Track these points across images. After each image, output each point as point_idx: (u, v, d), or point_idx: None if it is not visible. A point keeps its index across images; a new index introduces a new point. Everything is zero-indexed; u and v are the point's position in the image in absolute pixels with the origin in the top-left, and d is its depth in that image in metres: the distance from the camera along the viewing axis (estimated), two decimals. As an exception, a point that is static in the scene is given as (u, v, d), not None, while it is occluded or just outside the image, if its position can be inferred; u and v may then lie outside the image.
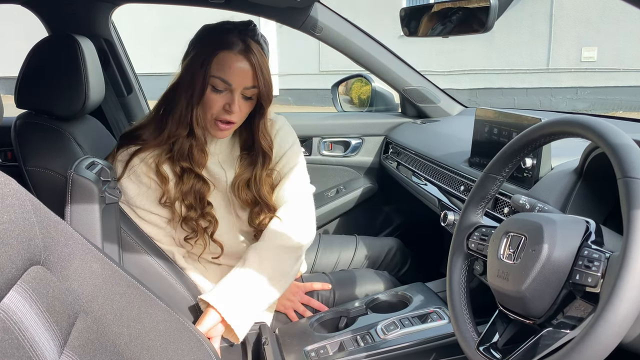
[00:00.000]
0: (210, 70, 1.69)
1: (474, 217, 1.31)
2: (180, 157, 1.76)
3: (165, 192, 1.77)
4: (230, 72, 1.69)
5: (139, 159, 1.76)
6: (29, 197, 1.04)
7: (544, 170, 1.56)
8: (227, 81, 1.69)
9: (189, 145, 1.76)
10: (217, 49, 1.70)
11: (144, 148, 1.77)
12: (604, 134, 1.00)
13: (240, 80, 1.70)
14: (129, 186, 1.76)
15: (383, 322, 1.71)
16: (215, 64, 1.69)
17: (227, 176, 1.87)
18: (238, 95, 1.72)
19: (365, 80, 3.21)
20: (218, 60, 1.69)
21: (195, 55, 1.73)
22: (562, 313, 1.03)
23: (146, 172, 1.76)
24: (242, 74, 1.70)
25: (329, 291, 2.01)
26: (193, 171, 1.78)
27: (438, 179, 2.17)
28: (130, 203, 1.77)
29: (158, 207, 1.78)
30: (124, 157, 1.77)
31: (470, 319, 1.24)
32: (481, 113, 1.91)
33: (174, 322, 1.33)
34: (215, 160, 1.86)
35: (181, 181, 1.77)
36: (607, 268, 0.93)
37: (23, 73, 1.79)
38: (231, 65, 1.69)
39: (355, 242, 2.38)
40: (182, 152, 1.76)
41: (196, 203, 1.79)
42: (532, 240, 1.04)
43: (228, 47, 1.70)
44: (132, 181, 1.76)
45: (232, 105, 1.71)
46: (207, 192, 1.81)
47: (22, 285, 0.95)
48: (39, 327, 0.95)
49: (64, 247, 1.13)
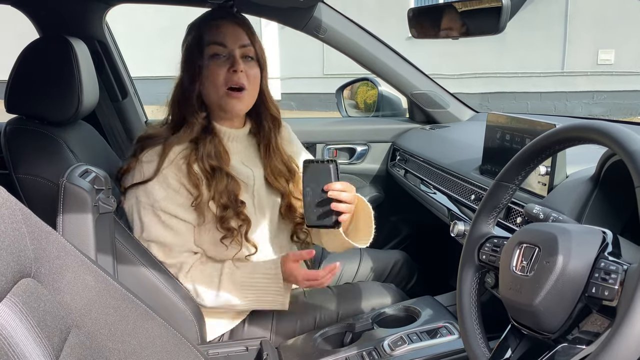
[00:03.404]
0: (204, 40, 1.82)
1: (485, 228, 1.31)
2: (208, 157, 1.82)
3: (200, 193, 1.81)
4: (221, 32, 1.82)
5: (168, 160, 1.80)
6: (20, 206, 1.05)
7: (558, 179, 1.56)
8: (221, 42, 1.82)
9: (212, 145, 1.84)
10: (204, 24, 1.86)
11: (170, 144, 1.82)
12: (622, 141, 1.00)
13: (233, 39, 1.83)
14: (155, 188, 1.80)
15: (390, 337, 1.71)
16: (206, 35, 1.82)
17: (254, 174, 1.95)
18: (238, 56, 1.82)
19: (371, 84, 3.21)
20: (208, 30, 1.83)
21: (189, 44, 1.87)
22: (578, 328, 1.02)
23: (176, 175, 1.81)
24: (234, 33, 1.83)
25: (333, 306, 2.01)
26: (223, 170, 1.83)
27: (448, 187, 2.17)
28: (155, 207, 1.80)
29: (185, 211, 1.82)
30: (151, 157, 1.82)
31: (481, 334, 1.24)
32: (493, 118, 1.91)
33: (171, 337, 1.33)
34: (238, 160, 1.92)
35: (214, 180, 1.82)
36: (624, 280, 0.93)
37: (13, 76, 1.80)
38: (220, 27, 1.83)
39: (359, 254, 2.38)
40: (208, 152, 1.83)
41: (230, 202, 1.83)
42: (546, 251, 1.04)
43: (213, 17, 1.88)
44: (160, 184, 1.80)
45: (236, 64, 1.81)
46: (239, 191, 1.86)
47: (11, 299, 0.95)
48: (30, 342, 0.95)
49: (55, 259, 1.13)
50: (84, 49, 1.91)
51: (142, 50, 12.40)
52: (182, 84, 1.87)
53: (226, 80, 1.81)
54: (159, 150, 1.81)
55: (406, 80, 2.76)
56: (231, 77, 1.81)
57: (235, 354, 1.77)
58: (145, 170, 1.80)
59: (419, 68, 2.79)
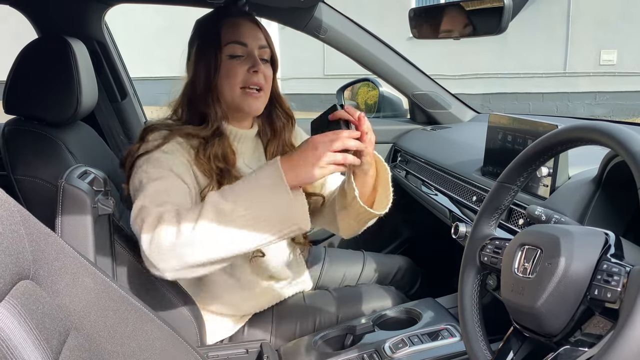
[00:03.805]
0: (222, 39, 1.76)
1: (486, 229, 1.31)
2: (215, 158, 1.75)
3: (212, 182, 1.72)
4: (242, 32, 1.78)
5: (175, 141, 1.71)
6: (18, 207, 1.05)
7: (560, 180, 1.56)
8: (243, 42, 1.77)
9: (220, 146, 1.77)
10: (221, 20, 1.80)
11: (179, 130, 1.74)
12: (624, 141, 1.00)
13: (253, 40, 1.79)
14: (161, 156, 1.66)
15: (391, 339, 1.70)
16: (225, 32, 1.77)
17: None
18: (257, 56, 1.79)
19: (372, 85, 3.21)
20: (226, 28, 1.78)
21: (202, 42, 1.81)
22: (580, 330, 1.02)
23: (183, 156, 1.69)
24: (253, 33, 1.80)
25: (333, 308, 2.01)
26: (230, 172, 1.77)
27: (449, 188, 2.17)
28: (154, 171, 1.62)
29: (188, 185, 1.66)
30: (157, 137, 1.72)
31: (483, 336, 1.24)
32: (494, 119, 1.91)
33: (171, 339, 1.33)
34: (242, 161, 1.87)
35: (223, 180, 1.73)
36: (627, 283, 0.93)
37: (11, 77, 1.80)
38: (240, 26, 1.79)
39: (362, 258, 2.37)
40: (216, 153, 1.75)
41: None
42: (548, 253, 1.04)
43: (230, 14, 1.83)
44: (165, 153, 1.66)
45: (257, 65, 1.77)
46: None
47: (10, 301, 0.95)
48: (28, 345, 0.95)
49: (54, 261, 1.13)
50: (83, 49, 1.91)
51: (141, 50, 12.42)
52: (194, 82, 1.79)
53: (245, 80, 1.77)
54: (166, 134, 1.72)
55: (407, 81, 2.76)
56: (251, 77, 1.77)
57: (235, 356, 1.76)
58: (151, 145, 1.68)
59: (420, 68, 2.79)
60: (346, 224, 1.89)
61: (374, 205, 1.79)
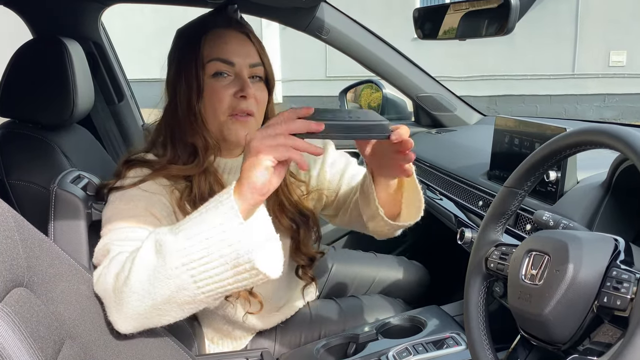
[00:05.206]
0: (203, 55, 1.53)
1: (493, 235, 1.31)
2: (201, 199, 1.47)
3: None
4: (228, 48, 1.54)
5: (158, 181, 1.52)
6: (12, 213, 1.05)
7: (569, 184, 1.56)
8: (228, 59, 1.53)
9: (207, 183, 1.55)
10: (204, 32, 1.55)
11: (164, 169, 1.54)
12: (634, 145, 1.00)
13: (242, 58, 1.55)
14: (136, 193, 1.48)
15: (395, 348, 1.70)
16: (208, 47, 1.54)
17: None
18: (247, 77, 1.55)
19: (376, 87, 3.20)
20: (209, 41, 1.54)
21: (182, 58, 1.58)
22: (589, 338, 1.02)
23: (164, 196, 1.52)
24: (242, 48, 1.56)
25: (339, 320, 1.98)
26: None
27: (454, 193, 2.17)
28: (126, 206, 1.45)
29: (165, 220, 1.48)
30: (137, 174, 1.52)
31: (489, 345, 1.24)
32: (501, 122, 1.91)
33: (168, 348, 1.33)
34: None
35: None
36: (637, 290, 0.93)
37: (5, 78, 1.80)
38: (227, 41, 1.55)
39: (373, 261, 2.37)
40: (202, 193, 1.54)
41: None
42: (556, 259, 1.04)
43: (216, 24, 1.57)
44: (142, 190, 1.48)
45: (246, 88, 1.53)
46: None
47: (4, 309, 0.95)
48: (22, 353, 0.95)
49: (49, 268, 1.13)
50: (79, 51, 1.91)
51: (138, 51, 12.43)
52: (175, 106, 1.59)
53: (231, 105, 1.54)
54: (147, 173, 1.53)
55: (411, 83, 2.76)
56: (238, 103, 1.54)
57: (234, 365, 1.76)
58: (128, 182, 1.50)
59: (425, 70, 2.79)
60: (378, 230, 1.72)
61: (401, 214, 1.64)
